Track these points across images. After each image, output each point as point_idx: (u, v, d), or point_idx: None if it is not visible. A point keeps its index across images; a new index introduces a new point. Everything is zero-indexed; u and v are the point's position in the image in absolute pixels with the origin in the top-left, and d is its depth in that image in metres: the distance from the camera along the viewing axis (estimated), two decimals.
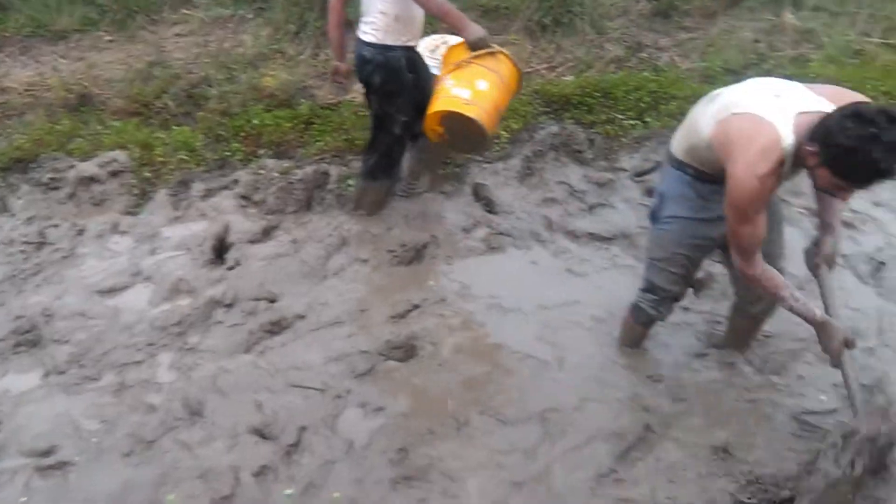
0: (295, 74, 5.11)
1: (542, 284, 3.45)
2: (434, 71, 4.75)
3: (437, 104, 3.25)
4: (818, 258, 2.45)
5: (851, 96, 2.11)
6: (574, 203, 4.12)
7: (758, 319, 2.75)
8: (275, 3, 5.60)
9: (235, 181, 4.16)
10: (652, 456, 2.43)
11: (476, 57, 3.23)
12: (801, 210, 3.84)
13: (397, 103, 3.47)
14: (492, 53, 3.26)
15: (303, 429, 2.58)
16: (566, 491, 2.30)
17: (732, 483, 2.31)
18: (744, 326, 2.82)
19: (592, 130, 4.60)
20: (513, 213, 4.01)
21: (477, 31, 3.24)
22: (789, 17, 5.63)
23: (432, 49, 4.84)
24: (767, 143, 2.00)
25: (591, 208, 4.08)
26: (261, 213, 3.95)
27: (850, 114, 1.87)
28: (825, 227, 2.45)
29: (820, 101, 2.05)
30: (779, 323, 3.00)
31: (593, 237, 3.84)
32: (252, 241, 3.73)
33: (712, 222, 2.37)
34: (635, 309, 2.80)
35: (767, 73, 4.97)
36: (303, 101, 4.90)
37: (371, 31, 3.31)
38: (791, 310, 2.31)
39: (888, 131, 1.80)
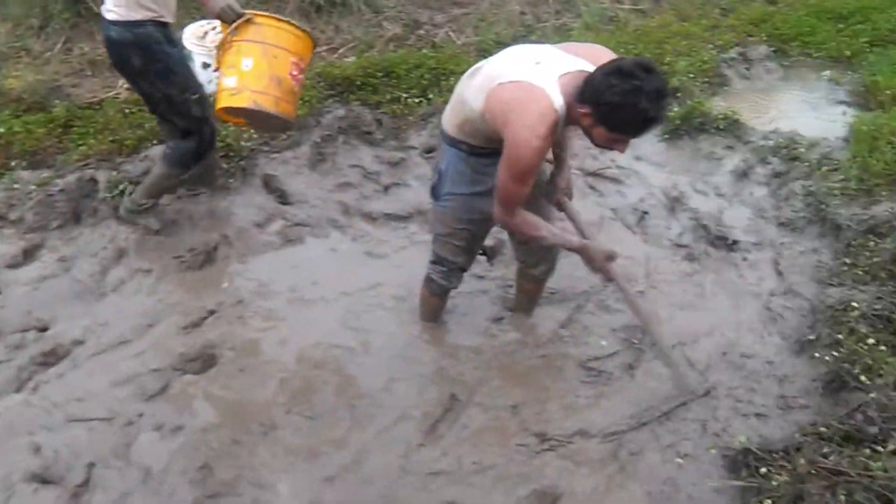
0: (44, 73, 4.59)
1: (343, 271, 3.42)
2: (204, 58, 4.51)
3: (217, 101, 3.07)
4: (558, 193, 2.62)
5: (602, 51, 2.28)
6: (369, 185, 4.12)
7: (540, 280, 2.93)
8: None
9: None
10: (458, 424, 2.52)
11: (234, 32, 2.91)
12: (576, 172, 4.14)
13: (175, 81, 3.17)
14: (248, 21, 2.90)
15: (91, 465, 2.35)
16: (377, 475, 2.32)
17: (527, 438, 2.46)
18: (530, 288, 3.00)
19: (379, 111, 4.61)
20: (307, 202, 3.92)
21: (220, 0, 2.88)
22: None
23: (200, 36, 4.57)
24: (541, 107, 2.08)
25: (386, 189, 4.10)
26: (19, 232, 3.51)
27: (612, 71, 1.99)
28: (560, 162, 2.60)
29: (577, 61, 2.18)
30: (562, 279, 3.24)
31: (390, 217, 3.86)
32: (11, 266, 3.31)
33: (488, 195, 2.43)
34: (428, 281, 2.86)
35: (535, 43, 5.33)
36: (57, 102, 4.41)
37: (113, 6, 2.97)
38: (554, 244, 2.48)
39: (648, 81, 1.94)
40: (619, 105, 1.97)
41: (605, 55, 2.22)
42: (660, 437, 2.47)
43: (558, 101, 2.09)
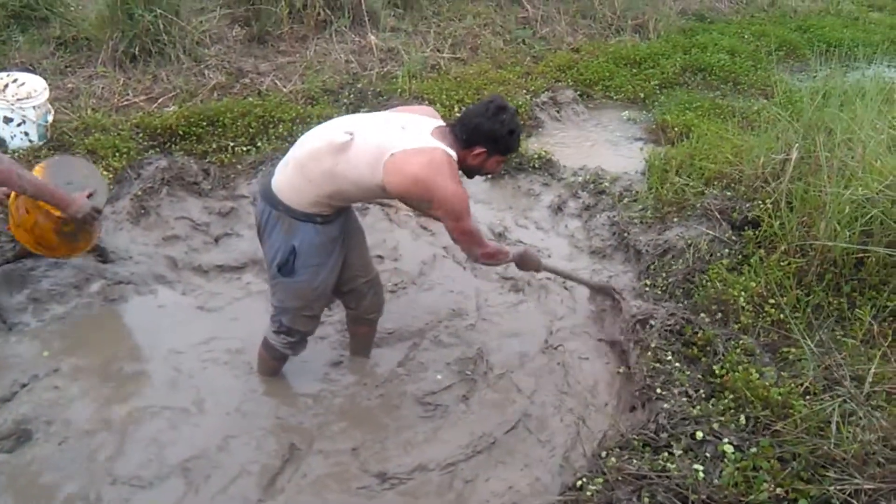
0: None
1: (174, 328, 3.29)
2: (5, 112, 4.21)
3: None
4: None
5: (428, 108, 2.75)
6: (198, 237, 4.00)
7: (372, 321, 3.02)
8: None
9: None
10: (298, 474, 2.50)
11: None
12: (409, 214, 4.30)
13: None
14: None
15: None
16: None
17: (368, 479, 2.50)
18: (363, 331, 3.07)
19: (206, 160, 4.52)
20: (130, 259, 3.73)
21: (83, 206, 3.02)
22: (373, 38, 6.23)
23: (0, 89, 4.28)
24: (448, 161, 2.37)
25: (217, 240, 4.01)
26: None
27: (495, 111, 2.42)
28: None
29: (426, 119, 2.52)
30: (398, 318, 3.35)
31: (223, 269, 3.77)
32: None
33: (337, 253, 2.60)
34: (270, 348, 2.83)
35: (362, 91, 5.49)
36: None
37: None
38: (518, 260, 2.94)
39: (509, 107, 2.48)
40: (511, 132, 2.46)
41: (431, 110, 2.69)
42: (495, 461, 2.62)
43: (450, 152, 2.39)
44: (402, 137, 2.37)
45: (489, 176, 3.65)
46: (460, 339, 3.27)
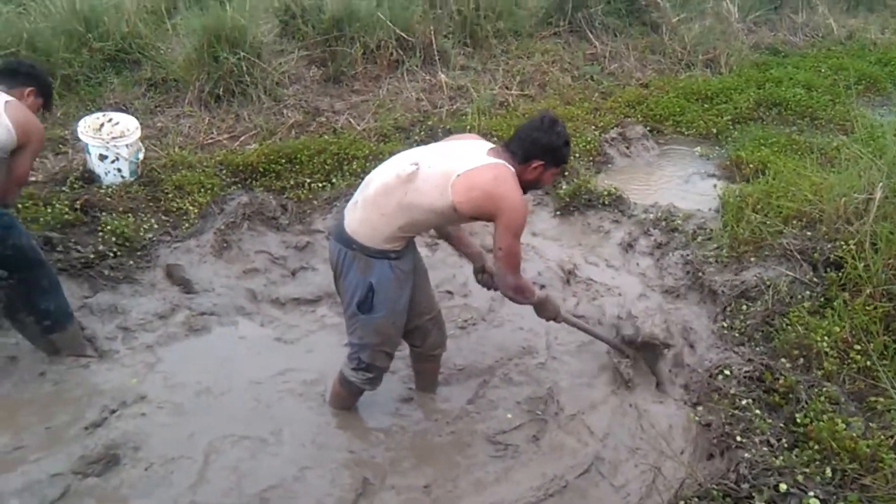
0: None
1: (253, 358, 3.42)
2: (101, 150, 4.49)
3: None
4: (485, 276, 3.02)
5: (474, 136, 2.82)
6: (276, 270, 4.16)
7: (436, 357, 3.07)
8: None
9: None
10: None
11: None
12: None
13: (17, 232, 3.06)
14: None
15: None
16: None
17: None
18: (428, 367, 3.12)
19: (284, 196, 4.71)
20: (213, 291, 3.91)
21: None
22: (443, 76, 6.37)
23: (96, 128, 4.58)
24: (511, 176, 2.48)
25: (294, 273, 4.15)
26: None
27: (549, 125, 2.56)
28: (476, 255, 3.02)
29: (478, 141, 2.67)
30: (468, 355, 3.38)
31: (299, 302, 3.90)
32: None
33: (408, 288, 2.70)
34: (347, 383, 2.89)
35: (432, 129, 5.62)
36: None
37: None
38: (540, 304, 2.88)
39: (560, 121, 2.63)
40: (566, 143, 2.61)
41: (478, 137, 2.80)
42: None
43: (510, 167, 2.51)
44: (463, 160, 2.48)
45: (543, 190, 4.06)
46: (530, 377, 3.27)
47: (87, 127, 4.57)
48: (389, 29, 6.26)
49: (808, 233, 3.88)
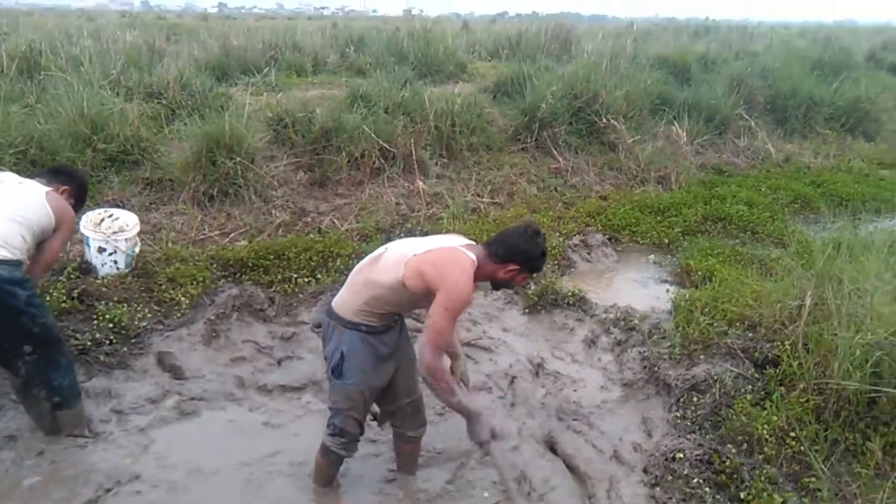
0: None
1: (242, 441, 3.62)
2: (100, 243, 4.78)
3: None
4: (457, 378, 3.21)
5: (456, 235, 3.11)
6: (263, 359, 4.42)
7: (416, 439, 3.31)
8: None
9: None
10: None
11: None
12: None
13: (45, 311, 3.34)
14: None
15: None
16: None
17: None
18: (408, 449, 3.35)
19: (271, 290, 5.03)
20: (203, 377, 4.14)
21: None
22: (421, 183, 6.91)
23: (97, 222, 4.88)
24: (466, 260, 2.74)
25: (280, 362, 4.42)
26: None
27: (531, 234, 2.84)
28: (453, 355, 3.27)
29: (457, 237, 2.98)
30: (447, 439, 3.65)
31: (285, 389, 4.15)
32: None
33: (384, 365, 2.97)
34: (327, 452, 3.12)
35: (410, 231, 6.06)
36: None
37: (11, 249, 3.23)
38: (453, 402, 2.91)
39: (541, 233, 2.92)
40: (542, 254, 2.89)
41: (458, 235, 3.13)
42: None
43: (472, 257, 2.77)
44: (425, 245, 2.84)
45: (513, 290, 4.70)
46: (504, 460, 3.53)
47: (89, 221, 4.88)
48: (373, 140, 6.84)
49: (750, 334, 4.32)
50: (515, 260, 2.85)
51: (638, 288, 5.80)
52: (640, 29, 19.38)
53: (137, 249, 5.06)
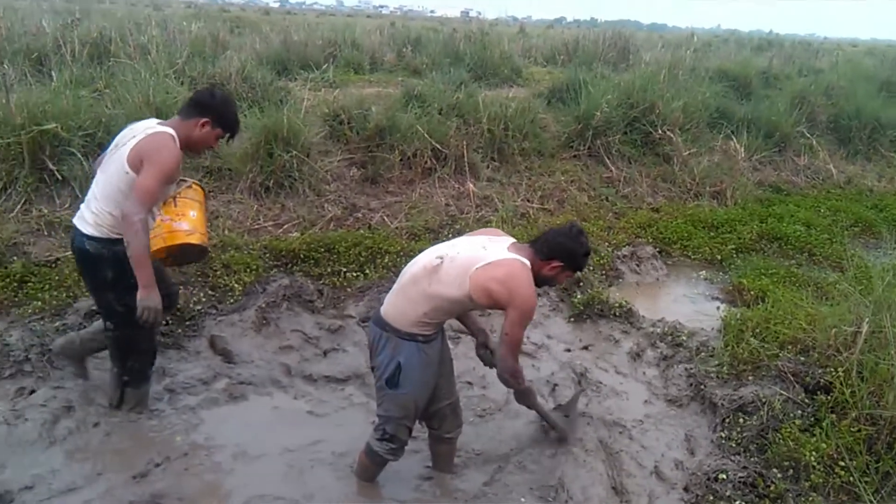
0: (3, 231, 4.86)
1: (286, 428, 3.71)
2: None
3: (165, 239, 3.39)
4: (486, 352, 3.42)
5: (497, 230, 3.23)
6: (309, 349, 4.50)
7: (452, 440, 3.34)
8: None
9: None
10: None
11: (179, 192, 3.50)
12: None
13: (126, 299, 3.22)
14: (188, 186, 3.61)
15: None
16: None
17: None
18: (444, 449, 3.39)
19: (320, 282, 5.12)
20: (252, 362, 4.25)
21: (152, 300, 3.13)
22: (471, 186, 6.93)
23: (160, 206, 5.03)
24: (526, 271, 2.84)
25: (326, 353, 4.50)
26: None
27: (576, 233, 2.97)
28: (479, 331, 3.42)
29: (500, 238, 3.03)
30: (486, 442, 3.67)
31: (329, 379, 4.23)
32: None
33: (434, 371, 3.04)
34: (373, 454, 3.16)
35: (459, 231, 6.09)
36: (15, 258, 4.67)
37: (93, 222, 3.21)
38: (533, 402, 3.41)
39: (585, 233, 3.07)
40: (586, 253, 3.02)
41: (498, 230, 3.23)
42: None
43: (526, 262, 2.87)
44: (483, 254, 2.86)
45: (559, 297, 5.12)
46: (542, 466, 3.53)
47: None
48: (426, 140, 6.89)
49: (802, 358, 4.22)
50: (560, 257, 2.93)
51: (687, 303, 5.72)
52: (700, 40, 19.03)
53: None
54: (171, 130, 3.22)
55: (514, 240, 3.03)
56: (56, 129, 5.26)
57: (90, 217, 3.22)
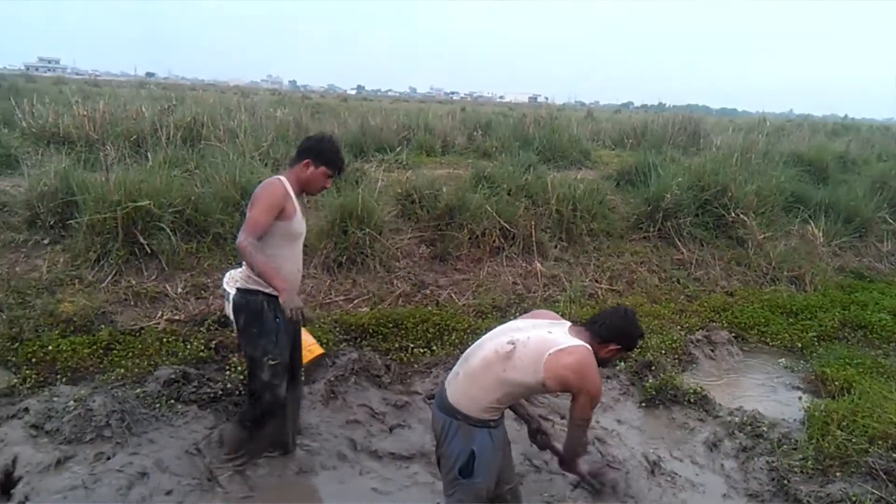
0: (94, 300, 5.15)
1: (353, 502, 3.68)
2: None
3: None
4: (542, 437, 3.39)
5: (549, 312, 3.23)
6: (376, 424, 4.50)
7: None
8: (75, 231, 5.69)
9: (25, 409, 3.98)
10: None
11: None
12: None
13: (260, 345, 3.53)
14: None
15: None
16: None
17: None
18: None
19: (388, 357, 5.16)
20: (320, 434, 4.27)
21: (293, 301, 3.28)
22: (539, 265, 6.95)
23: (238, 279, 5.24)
24: (591, 357, 2.85)
25: (392, 429, 4.48)
26: (54, 442, 3.79)
27: (630, 316, 3.03)
28: (532, 418, 3.39)
29: (559, 322, 3.05)
30: None
31: (394, 456, 4.19)
32: (43, 474, 3.54)
33: (502, 455, 3.01)
34: None
35: (526, 310, 6.05)
36: (102, 326, 4.92)
37: (239, 277, 3.67)
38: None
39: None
40: (641, 335, 3.09)
41: (553, 313, 3.21)
42: None
43: (589, 347, 2.89)
44: (553, 339, 2.86)
45: (629, 381, 5.23)
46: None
47: (231, 278, 5.26)
48: (495, 219, 7.00)
49: (895, 455, 3.94)
50: (618, 340, 2.98)
51: (766, 392, 5.45)
52: (772, 124, 18.87)
53: None
54: (280, 177, 3.54)
55: (570, 323, 3.04)
56: (149, 205, 5.62)
57: (238, 275, 3.73)
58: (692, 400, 4.93)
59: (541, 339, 2.88)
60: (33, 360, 4.41)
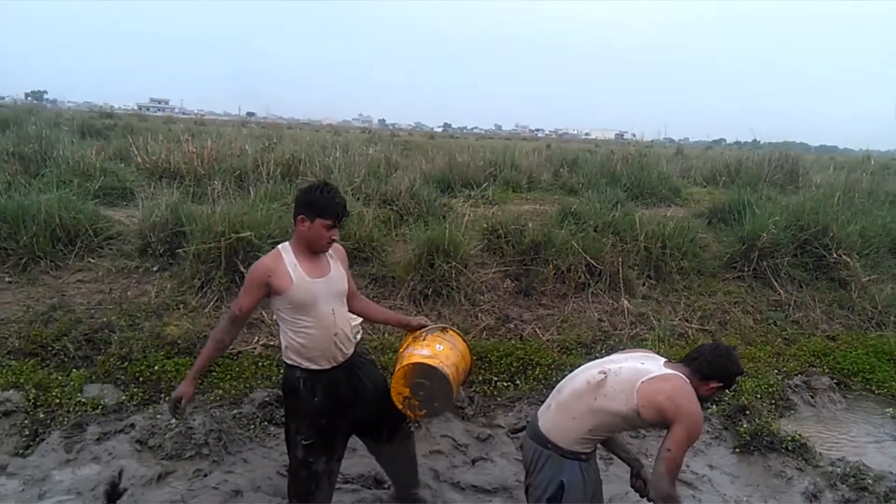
0: (197, 324, 5.45)
1: None
2: None
3: (400, 363, 3.36)
4: (641, 482, 3.17)
5: (644, 350, 3.21)
6: (458, 455, 4.53)
7: None
8: (182, 259, 6.07)
9: (132, 425, 4.25)
10: None
11: (429, 332, 3.50)
12: None
13: (293, 420, 3.34)
14: (442, 329, 3.58)
15: None
16: None
17: None
18: None
19: (471, 389, 5.19)
20: None
21: (178, 390, 3.22)
22: (626, 302, 6.83)
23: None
24: (690, 388, 2.78)
25: (474, 461, 4.49)
26: (156, 458, 4.03)
27: (731, 354, 2.92)
28: (635, 461, 3.21)
29: (654, 355, 3.01)
30: None
31: (477, 489, 4.19)
32: (146, 487, 3.76)
33: (592, 493, 2.94)
34: None
35: (612, 348, 5.96)
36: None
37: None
38: None
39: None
40: (740, 373, 3.00)
41: (648, 351, 3.18)
42: None
43: (687, 381, 2.81)
44: (646, 368, 2.82)
45: (722, 426, 5.01)
46: None
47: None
48: (581, 255, 6.95)
49: None
50: (718, 377, 2.88)
51: (872, 443, 5.11)
52: (877, 162, 17.87)
53: (359, 337, 5.51)
54: (281, 245, 3.25)
55: (665, 359, 2.98)
56: (250, 236, 5.95)
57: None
58: (790, 447, 4.69)
59: (633, 368, 2.86)
60: (140, 378, 4.71)
